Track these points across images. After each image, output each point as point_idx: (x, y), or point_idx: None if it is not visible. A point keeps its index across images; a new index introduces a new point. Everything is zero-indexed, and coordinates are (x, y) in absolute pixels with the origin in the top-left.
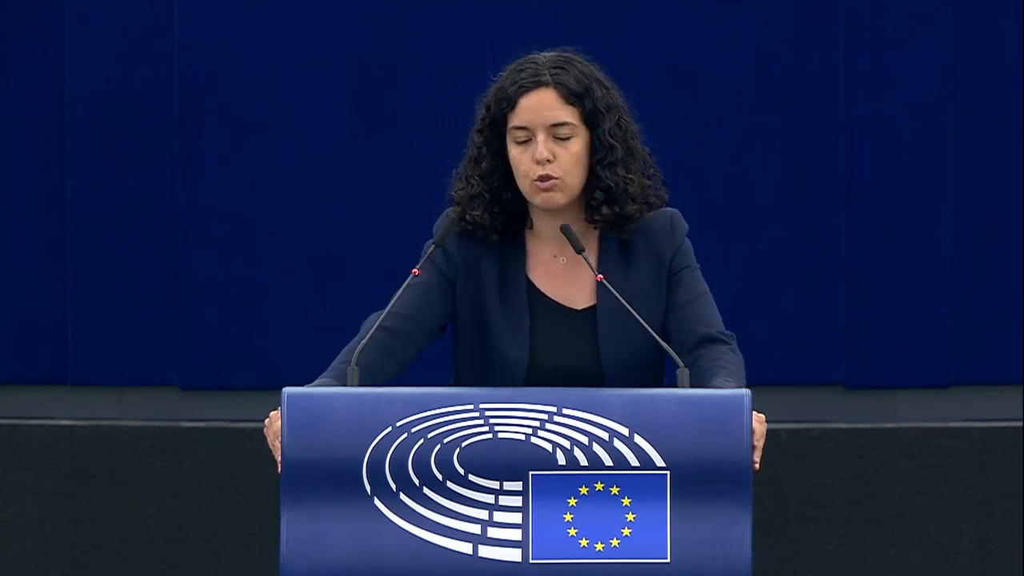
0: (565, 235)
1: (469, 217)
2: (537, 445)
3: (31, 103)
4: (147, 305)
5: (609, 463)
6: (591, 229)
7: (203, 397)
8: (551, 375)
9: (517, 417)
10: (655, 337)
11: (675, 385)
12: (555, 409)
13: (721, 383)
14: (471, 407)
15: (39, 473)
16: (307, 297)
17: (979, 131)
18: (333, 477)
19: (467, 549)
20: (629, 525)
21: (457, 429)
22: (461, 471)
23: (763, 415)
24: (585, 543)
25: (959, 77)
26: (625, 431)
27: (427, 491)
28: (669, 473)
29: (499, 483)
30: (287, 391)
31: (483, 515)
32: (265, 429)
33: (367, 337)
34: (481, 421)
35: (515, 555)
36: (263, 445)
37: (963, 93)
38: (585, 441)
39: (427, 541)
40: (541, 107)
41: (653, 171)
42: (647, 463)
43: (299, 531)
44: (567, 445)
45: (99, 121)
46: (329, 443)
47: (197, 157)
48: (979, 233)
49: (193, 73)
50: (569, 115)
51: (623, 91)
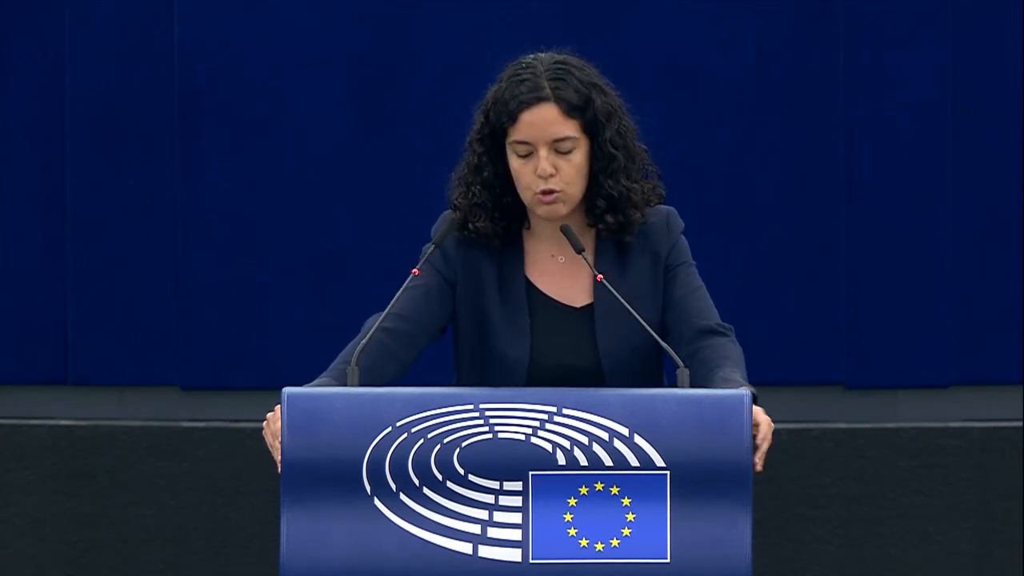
0: (565, 235)
1: (472, 227)
2: (537, 445)
3: (31, 103)
4: (147, 305)
5: (609, 463)
6: (588, 228)
7: (203, 397)
8: (552, 374)
9: (517, 417)
10: (654, 337)
11: (675, 384)
12: (555, 409)
13: (727, 374)
14: (471, 407)
15: (39, 473)
16: (307, 297)
17: (979, 131)
18: (333, 477)
19: (467, 549)
20: (629, 525)
21: (457, 429)
22: (461, 471)
23: (768, 417)
24: (585, 543)
25: (959, 77)
26: (625, 431)
27: (427, 491)
28: (669, 473)
29: (499, 483)
30: (287, 391)
31: (483, 515)
32: (264, 429)
33: (367, 337)
34: (481, 421)
35: (515, 555)
36: (263, 445)
37: (963, 93)
38: (585, 441)
39: (427, 541)
40: (543, 123)
41: (650, 168)
42: (647, 463)
43: (299, 531)
44: (567, 445)
45: (99, 121)
46: (329, 443)
47: (197, 157)
48: (979, 233)
49: (193, 73)
50: (571, 128)
51: (619, 89)
